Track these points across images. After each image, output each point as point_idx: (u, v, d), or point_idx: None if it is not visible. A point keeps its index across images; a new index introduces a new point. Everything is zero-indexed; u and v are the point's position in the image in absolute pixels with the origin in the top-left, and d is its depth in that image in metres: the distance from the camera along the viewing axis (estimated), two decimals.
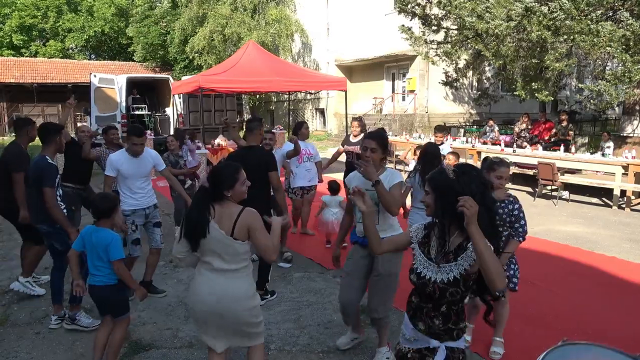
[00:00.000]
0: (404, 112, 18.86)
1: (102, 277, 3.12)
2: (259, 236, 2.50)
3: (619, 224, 7.28)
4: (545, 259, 5.31)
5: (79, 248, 3.19)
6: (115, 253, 3.08)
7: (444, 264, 1.98)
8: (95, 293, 3.17)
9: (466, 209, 1.78)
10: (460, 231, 1.97)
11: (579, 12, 9.61)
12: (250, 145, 4.48)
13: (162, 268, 5.33)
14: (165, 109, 16.51)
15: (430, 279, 2.00)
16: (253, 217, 2.52)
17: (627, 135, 12.04)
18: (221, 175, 2.54)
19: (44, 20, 30.94)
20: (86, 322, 3.84)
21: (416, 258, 2.10)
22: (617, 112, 18.70)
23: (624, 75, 9.40)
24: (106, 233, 3.15)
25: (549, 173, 8.41)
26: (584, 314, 4.16)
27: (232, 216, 2.49)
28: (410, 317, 2.14)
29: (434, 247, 2.05)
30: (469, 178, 1.95)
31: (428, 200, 2.04)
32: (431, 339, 2.03)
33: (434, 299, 2.00)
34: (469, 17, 11.32)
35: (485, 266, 1.78)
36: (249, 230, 2.49)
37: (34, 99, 24.96)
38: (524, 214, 3.33)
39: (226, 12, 20.94)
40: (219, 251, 2.50)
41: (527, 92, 11.80)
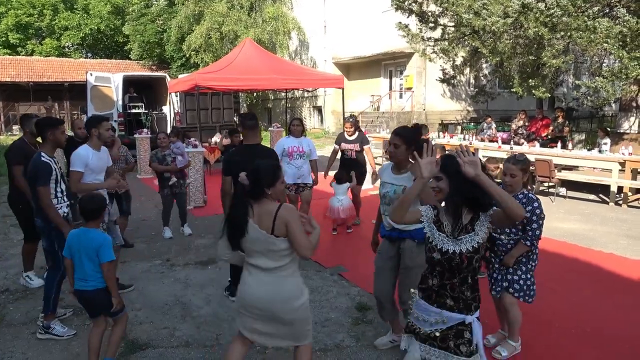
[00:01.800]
0: (402, 110, 18.85)
1: (94, 281, 3.02)
2: (296, 232, 2.48)
3: (616, 220, 7.29)
4: (542, 256, 5.26)
5: (69, 255, 3.10)
6: (106, 255, 3.00)
7: (463, 235, 2.19)
8: (87, 298, 3.08)
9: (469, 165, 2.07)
10: (469, 209, 2.21)
11: (576, 9, 9.60)
12: (249, 144, 4.28)
13: (159, 267, 5.32)
14: (162, 107, 16.44)
15: (455, 251, 2.18)
16: (291, 212, 2.51)
17: (624, 132, 12.05)
18: (263, 173, 2.53)
19: (40, 19, 30.81)
20: (61, 331, 3.73)
21: (434, 236, 2.26)
22: (614, 108, 18.74)
23: (621, 71, 9.40)
24: (96, 234, 3.06)
25: (546, 170, 8.41)
26: (581, 311, 4.16)
27: (270, 214, 2.49)
28: (433, 300, 2.27)
29: (448, 225, 2.24)
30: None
31: (441, 185, 2.24)
32: (466, 315, 2.21)
33: (462, 269, 2.18)
34: (466, 14, 11.30)
35: (501, 200, 2.04)
36: (287, 225, 2.48)
37: (30, 98, 24.85)
38: (539, 217, 3.19)
39: (223, 10, 20.88)
40: (262, 250, 2.51)
41: (524, 89, 11.80)
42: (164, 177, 6.28)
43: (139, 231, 6.70)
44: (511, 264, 3.29)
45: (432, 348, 2.26)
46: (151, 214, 7.74)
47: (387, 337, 3.54)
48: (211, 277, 4.99)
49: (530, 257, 3.32)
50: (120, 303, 3.12)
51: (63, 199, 3.81)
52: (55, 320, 3.79)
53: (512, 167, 3.27)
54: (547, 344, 3.58)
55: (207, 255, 5.69)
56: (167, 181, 6.27)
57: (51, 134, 3.73)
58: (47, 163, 3.66)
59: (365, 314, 4.06)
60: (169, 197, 6.36)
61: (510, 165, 3.30)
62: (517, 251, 3.26)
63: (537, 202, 3.25)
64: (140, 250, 5.93)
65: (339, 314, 4.09)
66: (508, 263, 3.29)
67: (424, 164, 2.21)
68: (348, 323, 3.93)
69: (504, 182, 3.35)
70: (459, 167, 2.12)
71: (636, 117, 12.46)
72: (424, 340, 2.28)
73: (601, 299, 4.39)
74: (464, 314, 2.22)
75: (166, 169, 6.23)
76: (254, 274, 2.58)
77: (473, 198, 2.15)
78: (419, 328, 2.30)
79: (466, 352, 2.20)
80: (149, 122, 15.93)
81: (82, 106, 17.22)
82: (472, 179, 2.07)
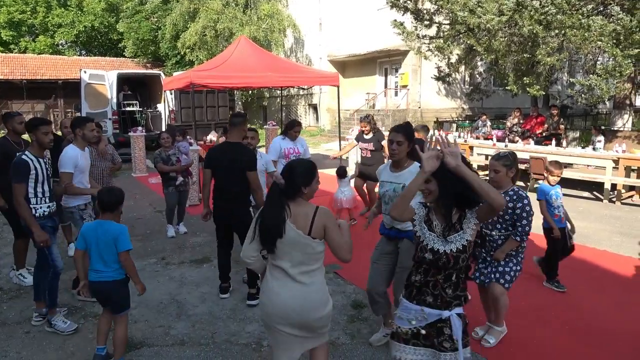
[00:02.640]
0: (397, 108, 18.86)
1: (111, 272, 3.10)
2: (335, 235, 2.44)
3: (609, 217, 7.34)
4: (537, 253, 5.32)
5: (82, 247, 3.15)
6: (124, 244, 3.08)
7: (452, 234, 2.22)
8: (101, 289, 3.14)
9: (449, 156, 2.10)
10: (457, 207, 2.24)
11: (570, 7, 9.63)
12: (231, 142, 4.33)
13: (154, 265, 5.31)
14: (157, 105, 16.39)
15: (445, 251, 2.20)
16: (328, 215, 2.46)
17: (618, 130, 12.12)
18: (299, 171, 2.47)
19: (33, 16, 30.52)
20: (62, 327, 3.75)
21: (424, 236, 2.28)
22: (608, 106, 18.84)
23: (615, 69, 9.44)
24: (112, 225, 3.14)
25: (541, 167, 8.44)
26: (575, 306, 4.18)
27: (308, 215, 2.42)
28: (414, 297, 2.30)
29: (438, 225, 2.26)
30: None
31: (431, 187, 2.24)
32: (442, 311, 2.23)
33: (448, 268, 2.21)
34: (461, 11, 11.31)
35: (481, 190, 2.07)
36: (325, 229, 2.43)
37: (24, 96, 24.66)
38: (528, 214, 3.28)
39: (218, 7, 20.78)
40: (295, 252, 2.42)
41: (519, 87, 11.84)
42: (170, 177, 6.27)
43: (134, 229, 6.67)
44: (502, 259, 3.40)
45: (417, 348, 2.27)
46: (145, 213, 7.72)
47: (380, 333, 3.57)
48: (206, 275, 4.98)
49: (519, 251, 3.46)
50: (144, 289, 3.21)
51: (44, 199, 3.77)
52: (57, 316, 3.81)
53: (495, 163, 3.37)
54: (541, 340, 3.60)
55: (202, 253, 5.68)
56: (173, 181, 6.28)
57: (33, 134, 3.76)
58: (26, 162, 3.65)
59: (361, 312, 4.07)
60: (174, 195, 6.35)
61: (493, 162, 3.40)
62: (507, 246, 3.38)
63: (527, 199, 3.34)
64: (135, 248, 5.86)
65: (334, 311, 4.06)
66: (499, 258, 3.40)
67: (426, 158, 2.19)
68: (343, 321, 3.94)
69: (489, 179, 3.43)
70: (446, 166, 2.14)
71: (630, 115, 12.54)
72: (407, 342, 2.29)
73: (594, 296, 4.42)
74: (442, 310, 2.24)
75: (172, 169, 6.24)
76: (280, 280, 2.47)
77: (462, 196, 2.17)
78: (401, 328, 2.31)
79: (450, 348, 2.22)
80: (144, 120, 15.88)
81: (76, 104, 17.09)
82: (453, 170, 2.09)
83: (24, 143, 4.56)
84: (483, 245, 3.49)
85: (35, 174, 3.68)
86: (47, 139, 3.77)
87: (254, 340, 3.65)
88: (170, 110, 15.44)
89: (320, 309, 2.48)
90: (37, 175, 3.70)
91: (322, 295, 2.51)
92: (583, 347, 3.52)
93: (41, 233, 3.65)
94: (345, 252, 2.46)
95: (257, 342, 3.62)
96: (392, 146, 3.21)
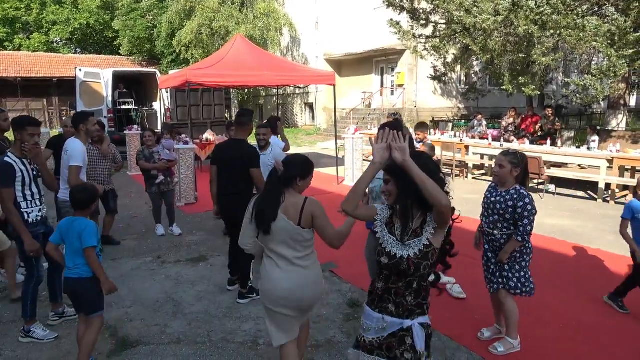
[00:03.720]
0: (393, 107, 18.89)
1: (78, 269, 3.03)
2: (323, 224, 2.60)
3: (603, 216, 7.39)
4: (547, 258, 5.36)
5: (57, 241, 3.12)
6: (88, 239, 2.99)
7: (411, 239, 2.08)
8: (70, 286, 3.10)
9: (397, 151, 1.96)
10: (421, 212, 2.10)
11: (566, 7, 9.68)
12: (236, 139, 4.43)
13: (150, 264, 5.30)
14: (153, 103, 16.32)
15: (403, 256, 2.07)
16: (316, 205, 2.62)
17: (612, 129, 12.20)
18: (298, 164, 2.67)
19: (28, 13, 30.34)
20: (41, 335, 3.64)
21: (384, 239, 2.15)
22: (602, 106, 18.94)
23: (609, 69, 9.51)
24: (81, 221, 3.08)
25: (536, 167, 8.49)
26: (569, 305, 4.21)
27: (297, 205, 2.59)
28: (376, 304, 2.18)
29: (398, 228, 2.13)
30: (424, 160, 2.11)
31: (390, 188, 2.14)
32: (404, 320, 2.11)
33: (408, 275, 2.08)
34: (457, 11, 11.35)
35: (423, 186, 1.93)
36: (313, 217, 2.58)
37: (18, 94, 24.52)
38: (530, 213, 3.23)
39: (214, 6, 20.75)
40: (287, 240, 2.60)
41: (515, 87, 11.90)
42: (151, 175, 6.23)
43: (130, 228, 6.66)
44: (505, 260, 3.34)
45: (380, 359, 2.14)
46: (141, 211, 7.70)
47: None
48: (202, 274, 4.98)
49: (523, 252, 3.36)
50: (112, 288, 3.06)
51: (34, 202, 3.60)
52: (36, 324, 3.68)
53: (502, 157, 3.36)
54: (536, 338, 3.63)
55: (198, 252, 5.68)
56: (154, 179, 6.22)
57: (18, 133, 3.51)
58: (11, 164, 3.44)
59: (357, 311, 4.07)
60: (157, 195, 6.32)
61: (500, 157, 3.39)
62: (510, 247, 3.32)
63: (529, 197, 3.28)
64: (131, 247, 5.91)
65: (330, 310, 4.11)
66: (502, 259, 3.35)
67: (377, 149, 2.06)
68: (339, 319, 3.95)
69: (493, 172, 3.42)
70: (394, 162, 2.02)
71: (624, 115, 12.63)
72: (372, 352, 2.16)
73: (589, 294, 4.45)
74: (404, 319, 2.11)
75: (153, 166, 6.18)
76: (277, 266, 2.64)
77: (419, 197, 2.01)
78: (364, 337, 2.21)
79: (412, 359, 2.09)
80: (139, 119, 15.81)
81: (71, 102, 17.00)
82: (401, 165, 1.98)
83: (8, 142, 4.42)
84: (488, 244, 3.47)
85: (22, 177, 3.49)
86: (32, 141, 3.50)
87: (250, 338, 3.66)
88: (166, 108, 15.38)
89: (316, 286, 2.70)
90: (24, 177, 3.51)
91: (316, 274, 2.71)
92: (578, 343, 3.55)
93: (32, 242, 3.46)
94: (333, 240, 2.62)
95: (254, 340, 3.63)
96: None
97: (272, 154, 5.13)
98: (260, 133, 5.16)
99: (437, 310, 4.15)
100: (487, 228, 3.45)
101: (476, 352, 3.43)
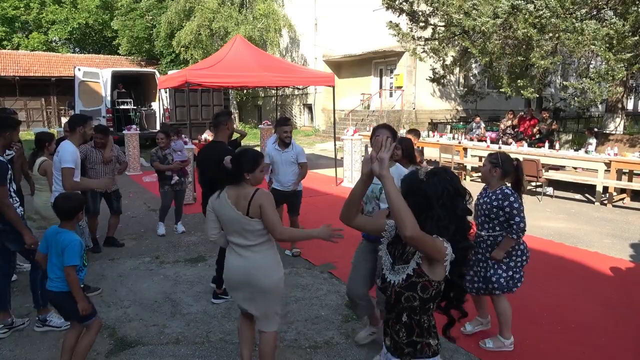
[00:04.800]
0: (392, 108, 18.92)
1: (59, 282, 2.92)
2: (269, 214, 2.70)
3: (601, 219, 7.42)
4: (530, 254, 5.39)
5: (44, 250, 3.00)
6: (69, 258, 2.85)
7: (401, 265, 1.86)
8: (52, 299, 3.03)
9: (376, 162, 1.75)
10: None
11: (564, 11, 9.72)
12: (215, 141, 4.46)
13: (148, 264, 5.30)
14: (151, 103, 16.34)
15: (391, 282, 1.86)
16: (264, 196, 2.74)
17: (610, 133, 12.25)
18: (244, 159, 2.78)
19: (27, 12, 30.29)
20: (58, 323, 3.72)
21: (382, 259, 1.97)
22: (600, 109, 19.01)
23: (608, 73, 9.55)
24: (66, 235, 2.94)
25: (534, 169, 8.52)
26: (567, 307, 4.23)
27: (247, 197, 2.73)
28: (384, 334, 1.98)
29: (398, 250, 1.92)
30: (439, 179, 1.82)
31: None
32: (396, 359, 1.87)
33: (393, 305, 1.87)
34: (456, 14, 11.39)
35: (393, 209, 1.69)
36: (261, 208, 2.70)
37: (16, 93, 24.46)
38: (518, 210, 3.29)
39: (213, 6, 20.74)
40: (239, 230, 2.76)
41: (513, 89, 11.93)
42: (166, 175, 6.27)
43: (128, 228, 6.66)
44: (501, 257, 3.38)
45: None
46: (140, 211, 7.70)
47: (365, 331, 3.59)
48: (201, 274, 4.98)
49: (512, 254, 3.40)
50: (87, 309, 2.93)
51: (15, 199, 3.71)
52: (51, 312, 3.77)
53: (485, 158, 3.57)
54: (534, 340, 3.64)
55: (197, 252, 5.68)
56: (169, 180, 6.27)
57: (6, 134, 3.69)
58: (6, 163, 3.56)
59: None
60: (169, 194, 6.35)
61: (485, 157, 3.59)
62: (505, 244, 3.36)
63: (513, 196, 3.34)
64: (129, 247, 5.90)
65: (329, 311, 4.12)
66: (498, 257, 3.38)
67: (363, 160, 1.90)
68: (338, 320, 3.96)
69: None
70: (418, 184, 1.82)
71: (622, 118, 12.68)
72: None
73: (586, 296, 4.47)
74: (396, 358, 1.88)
75: (167, 167, 6.23)
76: (234, 251, 2.84)
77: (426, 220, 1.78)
78: None
79: None
80: (138, 119, 15.81)
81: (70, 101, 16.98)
82: (377, 177, 1.77)
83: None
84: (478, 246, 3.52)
85: (11, 175, 3.60)
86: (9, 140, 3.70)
87: None
88: (165, 108, 15.39)
89: (267, 270, 2.80)
90: (12, 175, 3.64)
91: (269, 261, 2.82)
92: (575, 345, 3.57)
93: (30, 235, 3.56)
94: (275, 231, 2.73)
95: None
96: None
97: (294, 151, 5.33)
98: (288, 131, 5.29)
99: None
100: (476, 229, 3.52)
101: (474, 354, 3.44)
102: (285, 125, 5.33)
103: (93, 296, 4.40)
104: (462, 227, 1.82)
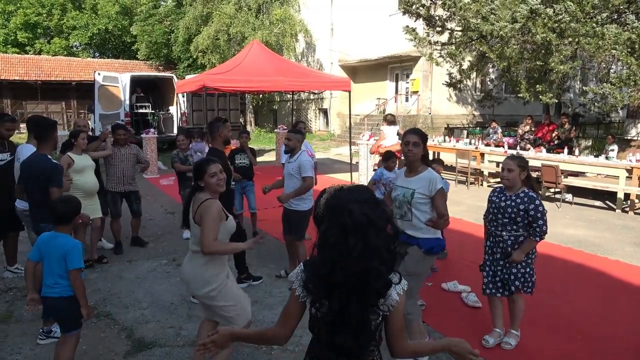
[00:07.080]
0: (407, 113, 18.84)
1: (59, 287, 2.86)
2: (203, 224, 2.80)
3: (622, 227, 7.26)
4: (547, 262, 5.30)
5: (35, 258, 2.92)
6: (74, 261, 2.83)
7: None
8: (50, 305, 2.93)
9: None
10: None
11: (584, 15, 9.58)
12: (212, 147, 4.56)
13: (165, 266, 5.35)
14: (169, 107, 16.54)
15: None
16: (207, 207, 2.82)
17: (632, 139, 12.02)
18: (195, 168, 2.97)
19: (49, 18, 31.02)
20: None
21: None
22: (621, 115, 18.65)
23: (629, 78, 9.38)
24: (66, 240, 2.91)
25: (553, 175, 8.39)
26: (586, 317, 4.15)
27: (198, 202, 2.88)
28: None
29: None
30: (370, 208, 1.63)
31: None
32: None
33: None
34: (474, 18, 11.30)
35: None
36: (201, 216, 2.82)
37: (38, 97, 25.02)
38: (542, 214, 3.34)
39: (230, 12, 20.95)
40: (194, 233, 2.93)
41: (531, 94, 11.79)
42: (187, 177, 6.33)
43: (146, 230, 6.74)
44: (522, 259, 3.41)
45: None
46: (157, 214, 7.79)
47: None
48: None
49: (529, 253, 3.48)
50: (90, 314, 2.96)
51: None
52: (55, 324, 3.68)
53: (509, 162, 3.47)
54: (553, 349, 3.58)
55: None
56: (189, 182, 6.33)
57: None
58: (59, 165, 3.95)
59: None
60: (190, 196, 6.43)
61: (507, 161, 3.50)
62: (527, 247, 3.40)
63: (538, 199, 3.40)
64: (147, 249, 5.97)
65: None
66: (518, 259, 3.40)
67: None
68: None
69: (501, 177, 3.52)
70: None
71: None
72: None
73: (606, 305, 4.38)
74: None
75: (188, 168, 6.29)
76: (188, 254, 3.01)
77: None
78: None
79: None
80: (156, 122, 16.02)
81: (89, 105, 17.28)
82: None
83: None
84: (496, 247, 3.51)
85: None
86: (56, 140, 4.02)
87: None
88: (182, 112, 15.57)
89: (198, 283, 2.88)
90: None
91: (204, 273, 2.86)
92: (596, 357, 3.49)
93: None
94: (203, 243, 2.76)
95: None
96: (408, 147, 3.23)
97: (297, 162, 4.64)
98: (288, 137, 4.78)
99: (445, 315, 4.13)
100: (494, 230, 3.53)
101: (483, 358, 3.39)
102: (289, 132, 4.90)
103: (111, 296, 4.47)
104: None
